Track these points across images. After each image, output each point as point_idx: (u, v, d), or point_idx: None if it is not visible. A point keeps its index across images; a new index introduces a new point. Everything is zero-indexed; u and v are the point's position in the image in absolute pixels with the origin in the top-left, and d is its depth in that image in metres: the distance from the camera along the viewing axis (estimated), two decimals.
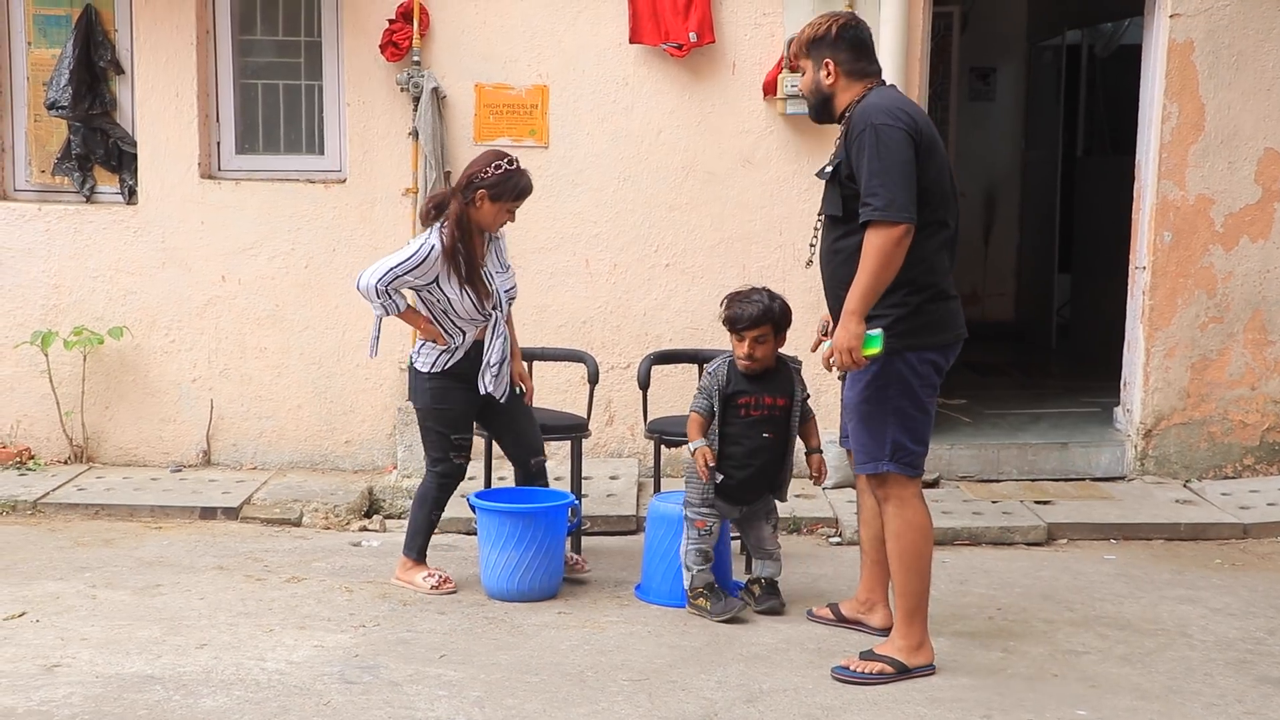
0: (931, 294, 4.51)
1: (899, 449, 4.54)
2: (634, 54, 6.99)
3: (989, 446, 7.20)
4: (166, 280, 7.16)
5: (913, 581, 4.58)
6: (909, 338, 4.48)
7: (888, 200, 4.30)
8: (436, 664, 4.63)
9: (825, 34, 4.59)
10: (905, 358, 4.49)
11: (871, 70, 4.62)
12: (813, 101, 4.71)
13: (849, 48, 4.58)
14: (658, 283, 7.03)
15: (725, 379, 5.13)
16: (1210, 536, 6.37)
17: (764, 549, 5.33)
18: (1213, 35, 6.86)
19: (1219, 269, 7.01)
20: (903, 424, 4.53)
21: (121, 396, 7.22)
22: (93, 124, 7.15)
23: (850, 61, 4.58)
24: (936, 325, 4.54)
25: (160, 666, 4.55)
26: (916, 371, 4.51)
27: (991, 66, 11.07)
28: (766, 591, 5.28)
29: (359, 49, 7.01)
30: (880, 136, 4.35)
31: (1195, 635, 5.05)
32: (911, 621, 4.59)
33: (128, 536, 6.16)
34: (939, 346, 4.57)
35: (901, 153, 4.34)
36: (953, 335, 4.61)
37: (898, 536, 4.58)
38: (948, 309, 4.58)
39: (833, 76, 4.59)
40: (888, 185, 4.31)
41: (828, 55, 4.58)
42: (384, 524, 6.55)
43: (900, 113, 4.42)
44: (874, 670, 4.55)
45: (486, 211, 5.26)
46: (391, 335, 7.01)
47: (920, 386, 4.53)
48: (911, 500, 4.58)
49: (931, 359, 4.55)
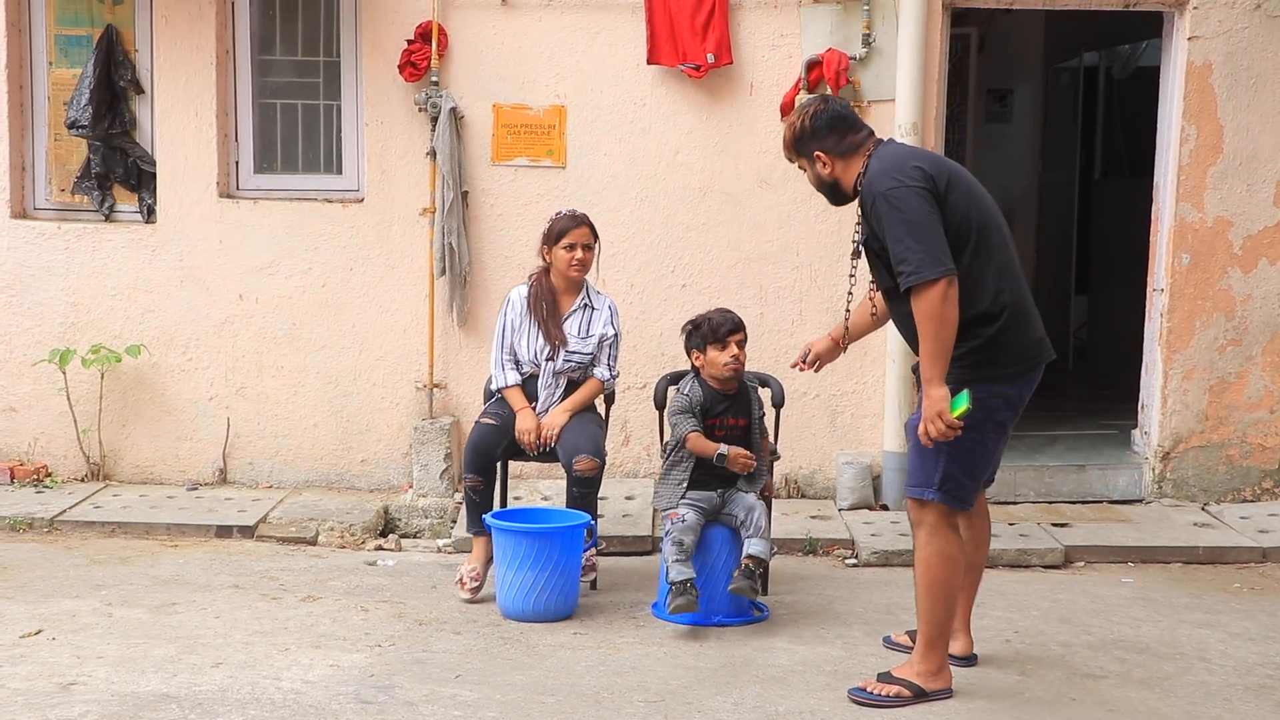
0: (1004, 320, 4.42)
1: (949, 480, 4.47)
2: (651, 74, 6.99)
3: (1005, 468, 6.88)
4: (184, 299, 7.16)
5: (938, 610, 4.54)
6: (977, 370, 4.41)
7: (918, 262, 4.25)
8: (452, 684, 4.62)
9: (801, 131, 4.57)
10: (974, 389, 4.37)
11: (861, 140, 4.55)
12: (825, 193, 4.68)
13: (829, 131, 4.54)
14: (674, 303, 7.02)
15: (701, 397, 5.38)
16: (1229, 560, 6.31)
17: (751, 521, 5.32)
18: (1231, 58, 6.84)
19: (1237, 291, 6.98)
20: (957, 458, 4.45)
21: (138, 414, 7.22)
22: (112, 143, 7.15)
23: (838, 144, 4.54)
24: (1009, 355, 4.44)
25: (176, 685, 4.55)
26: (984, 405, 4.39)
27: (1009, 88, 11.02)
28: (746, 574, 5.23)
29: (377, 69, 7.02)
30: (891, 202, 4.31)
31: (1214, 660, 5.01)
32: (933, 648, 4.57)
33: (144, 554, 6.15)
34: (1010, 379, 4.47)
35: (915, 209, 4.29)
36: (1025, 364, 4.49)
37: (927, 565, 4.52)
38: (1022, 334, 4.47)
39: (829, 165, 4.56)
40: (913, 247, 4.26)
41: (815, 148, 4.55)
42: (399, 543, 6.54)
43: (901, 171, 4.36)
44: (891, 694, 4.52)
45: (554, 259, 5.78)
46: (408, 354, 7.13)
47: (984, 420, 4.42)
48: (945, 531, 4.52)
49: (1001, 392, 4.45)
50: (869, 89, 6.93)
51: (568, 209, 5.91)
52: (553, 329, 5.77)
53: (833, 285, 6.87)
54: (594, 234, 5.83)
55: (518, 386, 5.82)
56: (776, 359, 6.88)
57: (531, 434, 5.70)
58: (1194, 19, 6.83)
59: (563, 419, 5.74)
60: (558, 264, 5.79)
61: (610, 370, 5.91)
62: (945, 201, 4.37)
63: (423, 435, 7.01)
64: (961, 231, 4.38)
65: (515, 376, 5.82)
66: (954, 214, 4.38)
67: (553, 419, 5.74)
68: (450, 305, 7.06)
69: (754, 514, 5.34)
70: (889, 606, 5.58)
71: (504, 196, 7.06)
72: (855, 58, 6.88)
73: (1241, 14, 6.84)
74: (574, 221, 5.79)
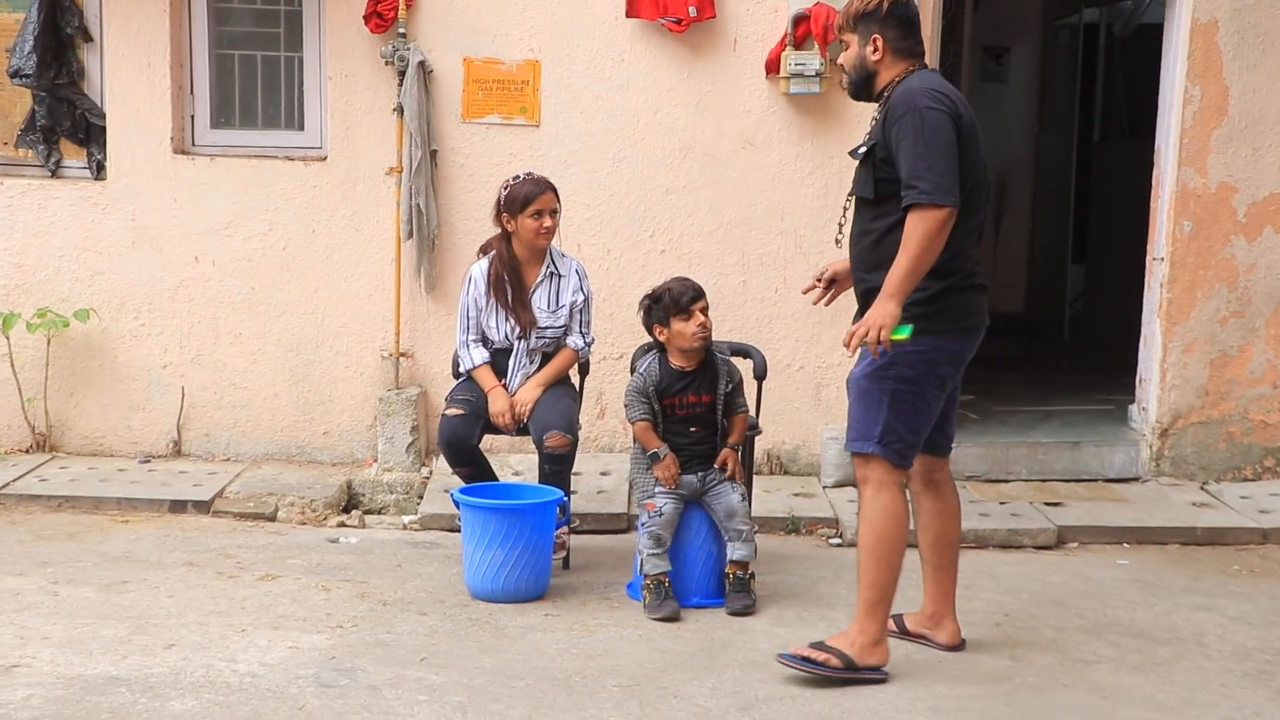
0: (954, 281, 4.48)
1: (889, 432, 4.48)
2: (631, 28, 6.84)
3: (997, 445, 7.10)
4: (136, 260, 7.01)
5: (881, 573, 4.51)
6: (921, 322, 4.42)
7: (934, 184, 4.29)
8: (417, 667, 4.56)
9: (876, 9, 4.54)
10: (917, 340, 4.42)
11: (918, 50, 4.58)
12: (854, 77, 4.64)
13: (899, 25, 4.54)
14: (653, 269, 6.88)
15: (658, 376, 5.29)
16: (1228, 541, 6.27)
17: (734, 527, 5.27)
18: (1238, 15, 6.74)
19: (1241, 261, 6.90)
20: (899, 408, 4.48)
21: (87, 382, 7.08)
22: (59, 94, 7.01)
23: (899, 39, 4.53)
24: (954, 313, 4.51)
25: (126, 667, 4.48)
26: (927, 358, 4.46)
27: (1005, 46, 11.03)
28: (736, 588, 5.22)
29: (342, 20, 6.86)
30: (925, 120, 4.34)
31: (1211, 645, 4.97)
32: (871, 615, 4.53)
33: (93, 530, 6.06)
34: (954, 333, 4.52)
35: (946, 136, 4.34)
36: (970, 323, 4.57)
37: (870, 523, 4.51)
38: (969, 298, 4.55)
39: (880, 53, 4.54)
40: (934, 169, 4.30)
41: (876, 30, 4.53)
42: (363, 519, 6.44)
43: (944, 96, 4.40)
44: (819, 659, 4.50)
45: (519, 228, 5.62)
46: (374, 321, 7.04)
47: (926, 374, 4.48)
48: (891, 487, 4.51)
49: (944, 346, 4.50)
50: None
51: (525, 172, 5.75)
52: (520, 311, 5.65)
53: (819, 251, 6.75)
54: (558, 197, 5.70)
55: (486, 365, 5.71)
56: (759, 329, 6.82)
57: (506, 415, 5.61)
58: None
59: (535, 394, 5.65)
60: (523, 233, 5.63)
61: (584, 338, 5.81)
62: (965, 147, 4.43)
63: (388, 406, 6.89)
64: (963, 183, 4.42)
65: (483, 355, 5.72)
66: (967, 160, 4.44)
67: (525, 394, 5.65)
68: (418, 270, 6.93)
69: (735, 520, 5.28)
70: None
71: (475, 156, 6.93)
72: None
73: None
74: (539, 186, 5.62)
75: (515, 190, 5.60)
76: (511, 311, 5.64)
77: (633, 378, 5.38)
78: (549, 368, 5.71)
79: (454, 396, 5.71)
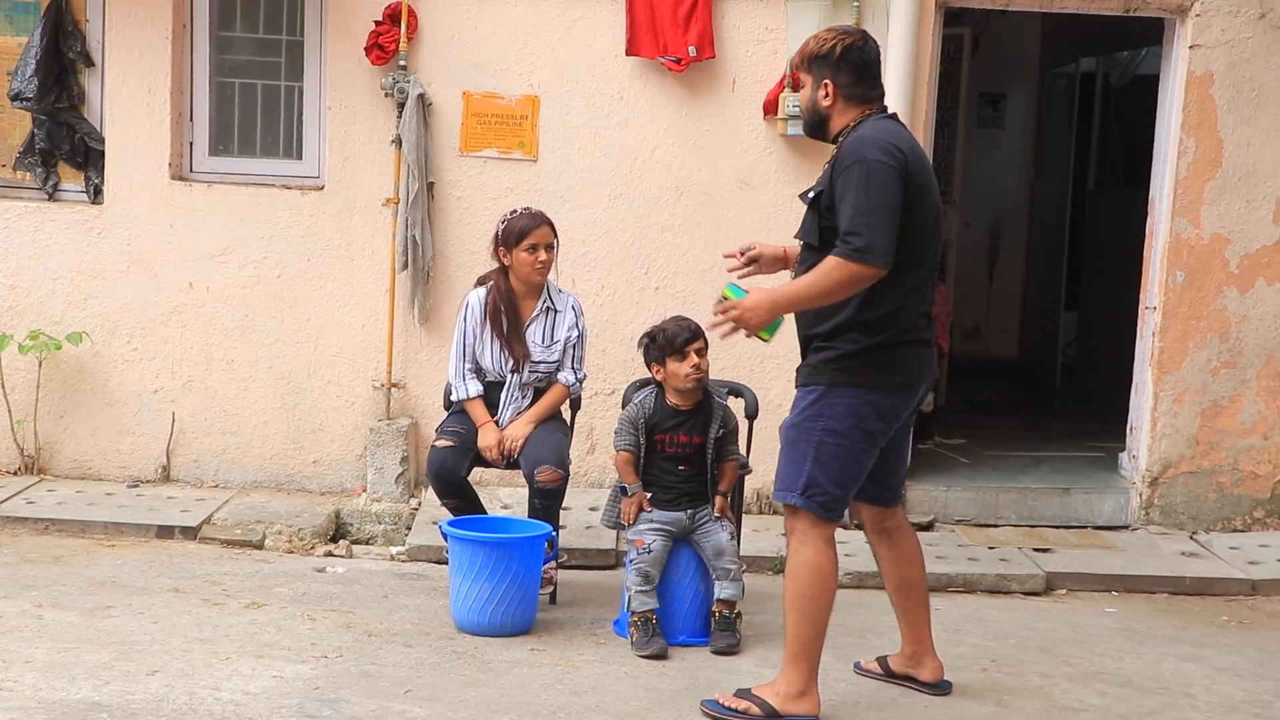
0: (887, 337, 4.39)
1: (812, 486, 4.40)
2: (630, 66, 6.86)
3: (987, 489, 7.09)
4: (131, 285, 6.99)
5: (802, 626, 4.44)
6: (849, 374, 4.39)
7: (868, 242, 4.20)
8: (401, 699, 4.52)
9: (828, 53, 4.47)
10: (844, 393, 4.38)
11: (872, 95, 4.50)
12: (807, 119, 4.61)
13: (851, 70, 4.46)
14: (646, 306, 6.89)
15: (651, 410, 5.29)
16: (1217, 592, 6.26)
17: (722, 565, 5.25)
18: (1234, 69, 6.78)
19: (1233, 312, 6.92)
20: (823, 461, 4.41)
21: (78, 406, 7.05)
22: (59, 118, 7.00)
23: (850, 85, 4.46)
24: (883, 368, 4.40)
25: (108, 693, 4.43)
26: (853, 411, 4.38)
27: (1002, 93, 11.07)
28: (721, 626, 5.20)
29: (343, 51, 6.87)
30: (871, 174, 4.24)
31: (1199, 696, 4.95)
32: (795, 667, 4.46)
33: (78, 554, 6.01)
34: (884, 389, 4.42)
35: (890, 194, 4.24)
36: (900, 379, 4.44)
37: (792, 577, 4.45)
38: (903, 354, 4.44)
39: (830, 98, 4.48)
40: (871, 226, 4.21)
41: (828, 75, 4.47)
42: (350, 549, 6.39)
43: (895, 150, 4.30)
44: (739, 708, 4.45)
45: (514, 262, 5.62)
46: (366, 351, 7.02)
47: (853, 428, 4.39)
48: (814, 540, 4.43)
49: (873, 400, 4.40)
50: None
51: (523, 206, 5.77)
52: (515, 344, 5.64)
53: None
54: (555, 233, 5.69)
55: (480, 398, 5.68)
56: (751, 369, 6.80)
57: (494, 450, 5.59)
58: (1196, 27, 6.77)
59: (526, 430, 5.63)
60: (519, 267, 5.63)
61: (576, 373, 5.79)
62: (913, 202, 4.32)
63: (379, 437, 6.87)
64: (906, 238, 4.31)
65: (477, 387, 5.70)
66: (912, 216, 4.33)
67: (515, 430, 5.62)
68: (412, 301, 6.92)
69: (723, 559, 5.26)
70: (861, 630, 5.49)
71: (471, 189, 6.92)
72: None
73: (1245, 23, 6.77)
74: (534, 220, 5.62)
75: (512, 224, 5.61)
76: (506, 343, 5.62)
77: (627, 407, 5.38)
78: (540, 404, 5.70)
79: (444, 428, 5.68)
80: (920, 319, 4.47)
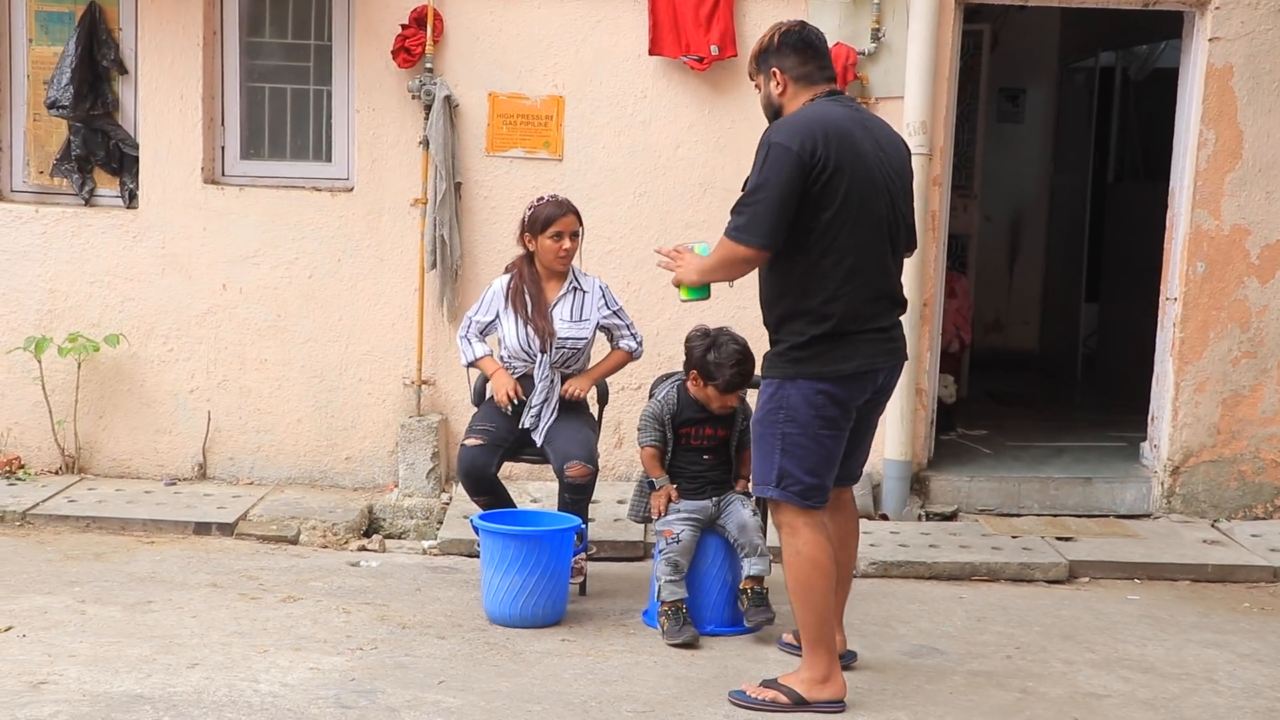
0: (831, 326, 4.41)
1: (785, 476, 4.47)
2: (653, 66, 6.90)
3: (1010, 479, 7.11)
4: (166, 287, 7.05)
5: (806, 614, 4.50)
6: (798, 365, 4.44)
7: (747, 223, 4.34)
8: (435, 690, 4.54)
9: (769, 44, 4.57)
10: (797, 384, 4.44)
11: (821, 76, 4.54)
12: (768, 115, 4.63)
13: (793, 51, 4.52)
14: (671, 302, 6.84)
15: (676, 405, 5.31)
16: (1239, 579, 6.25)
17: (748, 541, 5.27)
18: (1253, 60, 6.76)
19: (1253, 302, 6.91)
20: (790, 452, 4.47)
21: (116, 406, 7.11)
22: (94, 125, 7.05)
23: (797, 67, 4.51)
24: (830, 358, 4.43)
25: (150, 686, 4.47)
26: (808, 401, 4.43)
27: (1021, 87, 11.00)
28: (755, 602, 5.21)
29: (370, 54, 6.92)
30: (769, 156, 4.33)
31: (1222, 681, 4.94)
32: (814, 653, 4.52)
33: (119, 551, 6.06)
34: (833, 378, 4.44)
35: (783, 179, 4.29)
36: (853, 367, 4.45)
37: (789, 567, 4.51)
38: (852, 342, 4.44)
39: (781, 85, 4.54)
40: (754, 206, 4.33)
41: (774, 64, 4.54)
42: (383, 544, 6.45)
43: (805, 134, 4.32)
44: (767, 698, 4.50)
45: (539, 249, 5.68)
46: (397, 349, 7.04)
47: (812, 417, 4.44)
48: (802, 529, 4.48)
49: (824, 390, 4.43)
50: (877, 85, 6.83)
51: (549, 194, 5.82)
52: (539, 321, 5.65)
53: None
54: (580, 221, 5.75)
55: (489, 355, 5.78)
56: None
57: (507, 389, 5.63)
58: (1215, 19, 6.75)
59: (586, 384, 5.74)
60: (543, 254, 5.69)
61: (635, 338, 5.90)
62: (825, 187, 4.33)
63: (410, 433, 6.90)
64: (823, 222, 4.36)
65: (484, 348, 5.79)
66: (830, 201, 4.34)
67: (576, 384, 5.71)
68: (441, 299, 6.96)
69: (748, 533, 5.28)
70: (886, 619, 5.52)
71: (498, 189, 6.96)
72: (863, 53, 6.80)
73: (1265, 15, 6.75)
74: (560, 208, 5.68)
75: (538, 211, 5.67)
76: (530, 322, 5.65)
77: (649, 403, 5.41)
78: (602, 364, 5.80)
79: (473, 426, 5.71)
80: (869, 306, 4.45)
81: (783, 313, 4.47)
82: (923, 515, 6.86)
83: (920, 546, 6.35)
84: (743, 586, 5.26)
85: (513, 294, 5.70)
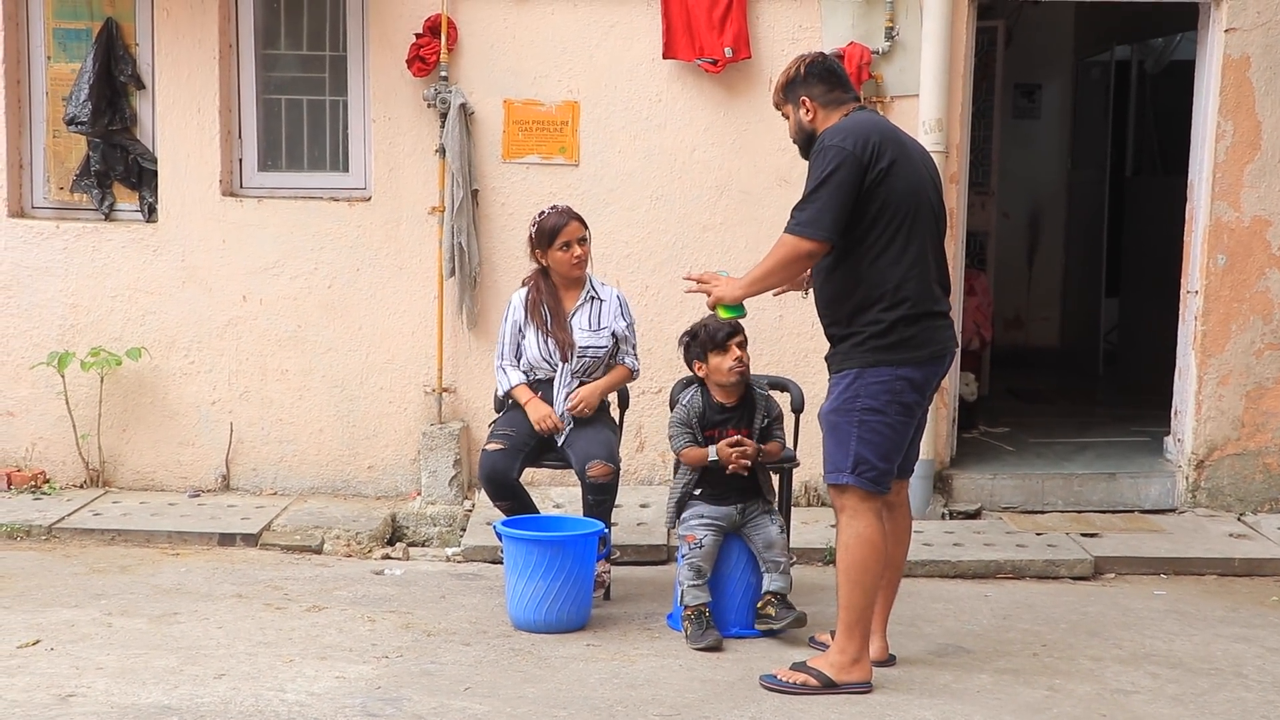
0: (906, 310, 4.60)
1: (861, 462, 4.62)
2: (667, 69, 6.91)
3: (1033, 476, 7.10)
4: (186, 300, 7.09)
5: (855, 595, 4.64)
6: (879, 353, 4.60)
7: (811, 218, 4.53)
8: (461, 697, 4.55)
9: (796, 75, 4.77)
10: (878, 371, 4.61)
11: (848, 97, 4.77)
12: (799, 141, 4.83)
13: (820, 80, 4.74)
14: (690, 305, 6.85)
15: (700, 409, 5.34)
16: (1266, 572, 6.24)
17: (772, 558, 5.28)
18: (1270, 50, 6.75)
19: (1275, 294, 6.89)
20: (867, 438, 4.62)
21: (139, 419, 7.14)
22: (112, 140, 7.09)
23: (826, 93, 4.73)
24: (910, 343, 4.62)
25: (177, 697, 4.49)
26: (889, 388, 4.60)
27: (1037, 83, 11.00)
28: (783, 608, 5.22)
29: (385, 64, 6.94)
30: (827, 156, 4.53)
31: (1251, 675, 4.93)
32: (850, 636, 4.66)
33: (144, 563, 6.09)
34: (914, 363, 4.63)
35: (841, 173, 4.49)
36: (929, 352, 4.66)
37: (846, 549, 4.64)
38: (925, 326, 4.65)
39: (811, 112, 4.74)
40: (815, 202, 4.53)
41: (803, 93, 4.75)
42: (407, 552, 6.46)
43: (857, 134, 4.55)
44: (798, 681, 4.65)
45: (552, 261, 5.72)
46: (417, 357, 7.06)
47: (889, 403, 4.61)
48: (865, 514, 4.64)
49: (905, 375, 4.62)
50: (892, 84, 6.84)
51: (549, 206, 5.85)
52: (558, 333, 5.70)
53: None
54: (584, 225, 5.77)
55: (523, 384, 5.77)
56: (796, 364, 6.82)
57: (549, 420, 5.67)
58: (1231, 10, 6.74)
59: (595, 395, 5.73)
60: (557, 265, 5.74)
61: (637, 359, 5.91)
62: (883, 180, 4.54)
63: (431, 441, 6.92)
64: (885, 213, 4.56)
65: (520, 376, 5.79)
66: (888, 193, 4.55)
67: (585, 392, 5.71)
68: (460, 307, 6.98)
69: (773, 551, 5.30)
70: (911, 618, 5.50)
71: (515, 195, 6.98)
72: (878, 52, 6.80)
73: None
74: (563, 218, 5.72)
75: (542, 225, 5.71)
76: (550, 334, 5.69)
77: (675, 410, 5.42)
78: (605, 378, 5.79)
79: (494, 431, 5.73)
80: (932, 289, 4.66)
81: (856, 304, 4.62)
82: (946, 514, 6.84)
83: (944, 545, 6.35)
84: (764, 601, 5.25)
85: (531, 307, 5.75)
